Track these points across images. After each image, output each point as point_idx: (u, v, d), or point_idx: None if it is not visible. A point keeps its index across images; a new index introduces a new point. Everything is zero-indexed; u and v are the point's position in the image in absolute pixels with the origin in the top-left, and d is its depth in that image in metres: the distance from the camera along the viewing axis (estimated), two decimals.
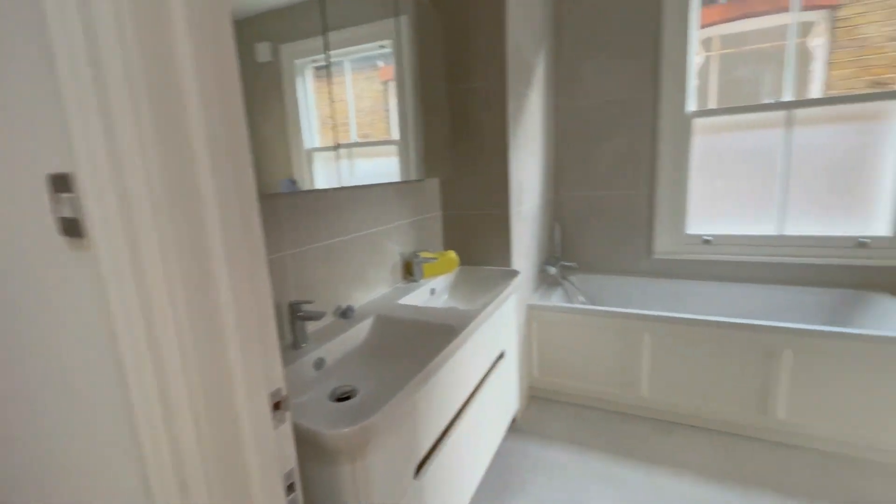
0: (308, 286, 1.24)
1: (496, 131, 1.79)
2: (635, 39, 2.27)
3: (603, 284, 2.51)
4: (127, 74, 0.40)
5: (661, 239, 2.38)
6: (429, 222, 1.89)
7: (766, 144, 2.17)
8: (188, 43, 0.43)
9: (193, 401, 0.47)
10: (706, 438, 1.83)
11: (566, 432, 1.94)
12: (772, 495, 1.53)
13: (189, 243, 0.45)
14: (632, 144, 2.37)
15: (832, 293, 2.06)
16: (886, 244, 2.00)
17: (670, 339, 1.86)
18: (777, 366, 1.69)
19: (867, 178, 2.02)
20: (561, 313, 2.07)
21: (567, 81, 2.45)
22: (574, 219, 2.58)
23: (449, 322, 1.22)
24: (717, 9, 2.29)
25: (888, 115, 1.97)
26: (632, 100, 2.33)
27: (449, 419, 1.19)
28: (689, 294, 2.31)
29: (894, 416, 1.57)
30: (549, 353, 2.13)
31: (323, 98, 1.20)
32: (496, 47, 1.72)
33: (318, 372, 1.10)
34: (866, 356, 1.58)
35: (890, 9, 1.96)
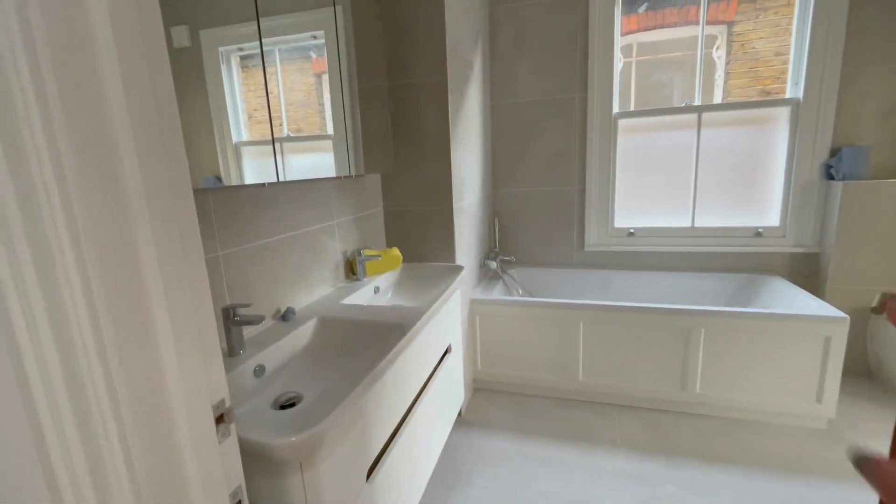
0: (244, 288, 1.16)
1: (437, 127, 1.79)
2: (566, 43, 2.38)
3: (539, 277, 2.61)
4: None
5: (591, 232, 2.53)
6: (371, 219, 1.85)
7: (680, 144, 2.39)
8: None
9: (120, 420, 0.42)
10: (636, 416, 1.98)
11: (509, 421, 2.00)
12: (693, 461, 1.69)
13: (111, 241, 0.40)
14: (564, 143, 2.49)
15: (735, 277, 2.31)
16: (777, 233, 2.29)
17: (602, 326, 1.99)
18: (694, 345, 1.87)
19: (761, 176, 2.30)
20: (502, 306, 2.13)
21: (502, 81, 2.52)
22: (511, 214, 2.66)
23: (397, 320, 1.20)
24: (636, 18, 2.47)
25: (776, 121, 2.24)
26: (563, 100, 2.44)
27: (399, 418, 1.17)
28: (616, 283, 2.48)
29: (787, 382, 1.81)
30: (491, 345, 2.18)
31: (251, 89, 1.13)
32: (436, 42, 1.72)
33: (259, 380, 1.03)
34: (763, 331, 1.79)
35: (775, 27, 2.23)
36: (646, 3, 2.39)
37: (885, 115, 2.07)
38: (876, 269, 2.06)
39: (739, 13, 2.30)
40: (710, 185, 2.37)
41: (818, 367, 1.76)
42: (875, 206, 2.01)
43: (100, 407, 0.41)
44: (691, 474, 1.62)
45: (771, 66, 2.30)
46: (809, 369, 1.77)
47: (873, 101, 2.07)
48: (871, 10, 2.00)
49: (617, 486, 1.58)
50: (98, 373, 0.40)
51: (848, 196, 2.04)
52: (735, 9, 2.33)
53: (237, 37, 1.09)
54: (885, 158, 2.09)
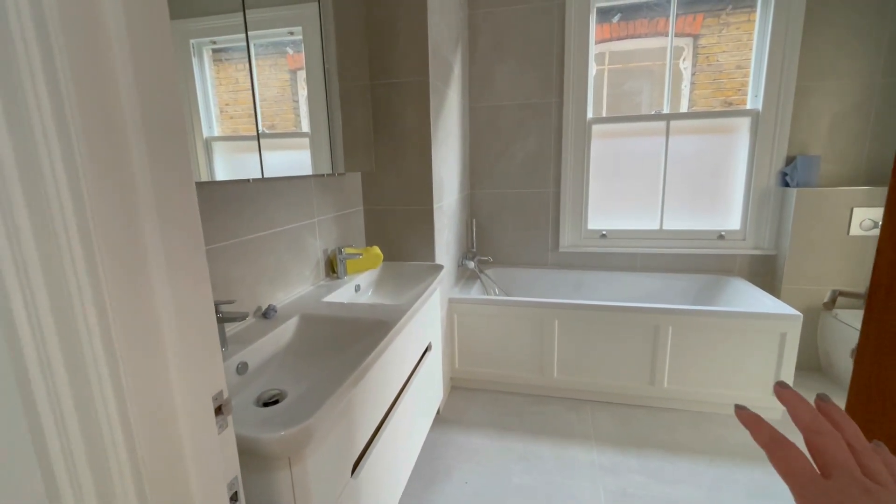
0: (226, 286, 1.14)
1: (418, 127, 1.81)
2: (543, 49, 2.45)
3: (515, 276, 2.67)
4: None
5: (565, 234, 2.60)
6: (351, 217, 1.85)
7: (650, 150, 2.49)
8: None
9: (124, 409, 0.42)
10: (608, 411, 2.06)
11: (486, 418, 2.04)
12: (661, 452, 1.77)
13: (120, 232, 0.40)
14: (540, 146, 2.55)
15: (700, 278, 2.44)
16: (737, 236, 2.43)
17: (576, 325, 2.06)
18: (662, 342, 1.96)
19: (724, 182, 2.43)
20: (479, 305, 2.17)
21: (481, 83, 2.56)
22: (488, 215, 2.71)
23: (380, 317, 1.21)
24: (608, 28, 2.56)
25: (737, 130, 2.38)
26: (540, 104, 2.51)
27: (383, 414, 1.19)
28: (589, 283, 2.57)
29: (746, 376, 1.92)
30: (468, 343, 2.21)
31: (223, 83, 1.11)
32: (418, 42, 1.74)
33: (241, 377, 1.02)
34: (725, 328, 1.90)
35: (737, 42, 2.37)
36: (619, 14, 2.49)
37: (832, 128, 2.23)
38: (825, 270, 2.21)
39: (705, 27, 2.43)
40: (677, 189, 2.48)
41: (774, 361, 1.88)
42: (824, 211, 2.17)
43: (104, 396, 0.41)
44: (660, 465, 1.70)
45: (733, 79, 2.43)
46: (766, 364, 1.89)
47: (824, 114, 2.23)
48: (822, 31, 2.16)
49: (590, 478, 1.64)
50: (103, 362, 0.40)
51: (801, 202, 2.19)
52: (701, 23, 2.45)
53: (210, 29, 1.07)
54: (832, 167, 2.26)
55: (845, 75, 2.17)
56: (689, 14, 2.42)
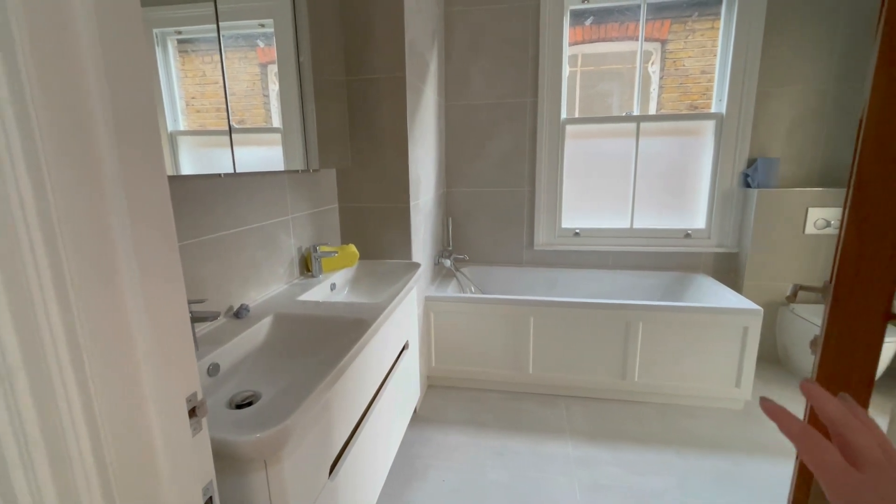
0: (196, 284, 1.10)
1: (395, 124, 1.80)
2: (518, 49, 2.47)
3: (491, 274, 2.69)
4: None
5: (540, 232, 2.64)
6: (327, 215, 1.82)
7: (621, 151, 2.56)
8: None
9: (90, 412, 0.40)
10: (582, 405, 2.10)
11: (463, 416, 2.05)
12: (632, 444, 1.82)
13: (85, 228, 0.38)
14: (515, 145, 2.58)
15: (668, 275, 2.52)
16: (703, 235, 2.52)
17: (551, 321, 2.09)
18: (633, 337, 2.02)
19: (690, 182, 2.52)
20: (456, 303, 2.17)
21: (457, 82, 2.56)
22: (464, 213, 2.72)
23: (358, 316, 1.20)
24: (581, 30, 2.61)
25: (703, 133, 2.47)
26: (515, 104, 2.53)
27: (360, 414, 1.17)
28: (563, 280, 2.61)
29: (711, 369, 2.00)
30: (445, 342, 2.22)
31: (189, 76, 1.08)
32: (395, 38, 1.72)
33: (212, 379, 0.99)
34: (692, 323, 1.97)
35: (702, 48, 2.46)
36: (592, 17, 2.54)
37: (790, 131, 2.35)
38: (783, 267, 2.33)
39: (672, 32, 2.51)
40: (646, 189, 2.56)
41: (737, 354, 1.96)
42: (782, 211, 2.28)
43: (68, 400, 0.39)
44: (632, 456, 1.75)
45: (698, 83, 2.53)
46: (730, 357, 1.97)
47: (782, 118, 2.35)
48: (781, 40, 2.27)
49: (565, 472, 1.68)
50: (66, 362, 0.38)
51: (761, 202, 2.30)
52: (668, 28, 2.53)
53: (175, 19, 1.03)
54: (790, 169, 2.38)
55: (802, 82, 2.29)
56: (658, 20, 2.50)
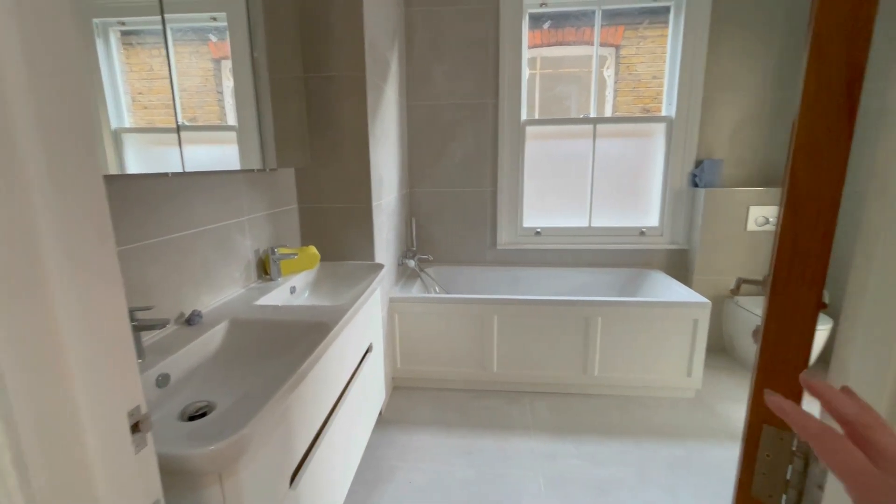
0: (143, 290, 1.04)
1: (356, 123, 1.77)
2: (479, 50, 2.50)
3: (455, 274, 2.70)
4: None
5: (502, 232, 2.68)
6: (285, 215, 1.76)
7: (579, 151, 2.64)
8: None
9: (14, 433, 0.36)
10: (545, 401, 2.15)
11: (429, 416, 2.04)
12: (593, 436, 1.88)
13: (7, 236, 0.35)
14: (477, 145, 2.60)
15: (624, 271, 2.62)
16: (656, 232, 2.64)
17: (514, 319, 2.12)
18: (592, 332, 2.09)
19: (644, 182, 2.63)
20: (420, 304, 2.16)
21: (418, 82, 2.55)
22: (428, 213, 2.71)
23: (319, 319, 1.17)
24: (540, 34, 2.67)
25: (655, 135, 2.59)
26: (477, 105, 2.55)
27: (322, 420, 1.14)
28: (526, 278, 2.66)
29: (665, 361, 2.10)
30: (410, 343, 2.20)
31: (134, 70, 1.02)
32: (354, 36, 1.70)
33: (162, 390, 0.93)
34: (647, 317, 2.06)
35: (652, 54, 2.58)
36: (549, 21, 2.60)
37: (733, 134, 2.50)
38: (728, 262, 2.48)
39: (625, 38, 2.61)
40: (603, 189, 2.65)
41: (688, 345, 2.07)
42: (727, 209, 2.42)
43: None
44: (593, 448, 1.81)
45: (650, 88, 2.64)
46: (681, 348, 2.07)
47: (726, 122, 2.49)
48: (724, 49, 2.41)
49: (530, 467, 1.71)
50: None
51: (708, 201, 2.43)
52: (622, 34, 2.63)
53: (117, 8, 0.97)
54: (733, 170, 2.53)
55: (743, 88, 2.44)
56: (612, 26, 2.59)
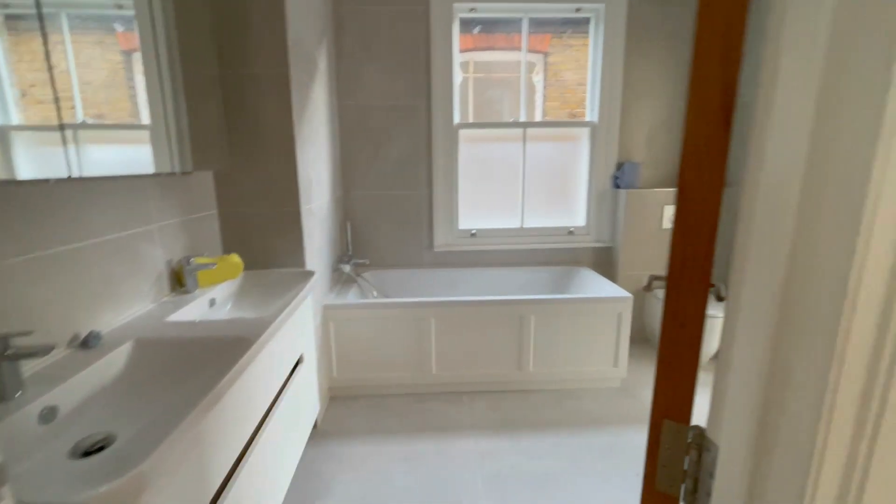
0: (24, 312, 0.90)
1: (280, 123, 1.68)
2: (411, 52, 2.48)
3: (393, 278, 2.67)
4: None
5: (439, 234, 2.69)
6: (203, 222, 1.63)
7: (511, 154, 2.71)
8: None
9: None
10: (484, 400, 2.18)
11: (368, 424, 2.00)
12: (530, 431, 1.94)
13: None
14: (412, 148, 2.59)
15: (555, 270, 2.73)
16: (583, 232, 2.78)
17: (452, 321, 2.14)
18: (526, 330, 2.15)
19: (571, 184, 2.77)
20: (357, 310, 2.11)
21: (350, 82, 2.49)
22: (364, 217, 2.66)
23: (239, 333, 1.09)
24: (472, 38, 2.71)
25: (580, 139, 2.72)
26: (409, 106, 2.54)
27: (246, 440, 1.07)
28: (462, 280, 2.69)
29: (594, 353, 2.21)
30: (347, 350, 2.14)
31: (24, 59, 0.89)
32: (276, 32, 1.61)
33: (48, 426, 0.82)
34: (576, 313, 2.16)
35: (577, 62, 2.71)
36: (479, 26, 2.65)
37: (649, 139, 2.70)
38: (647, 258, 2.67)
39: (552, 46, 2.72)
40: (534, 190, 2.75)
41: (614, 337, 2.20)
42: (645, 209, 2.61)
43: None
44: (529, 443, 1.86)
45: (576, 94, 2.78)
46: (608, 341, 2.20)
47: (643, 127, 2.68)
48: (639, 58, 2.59)
49: (469, 468, 1.72)
50: None
51: (628, 202, 2.60)
52: (549, 42, 2.75)
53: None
54: (650, 172, 2.73)
55: (656, 96, 2.64)
56: (540, 34, 2.69)
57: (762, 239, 0.36)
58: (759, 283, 0.36)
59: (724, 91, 0.40)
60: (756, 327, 0.36)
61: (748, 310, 0.38)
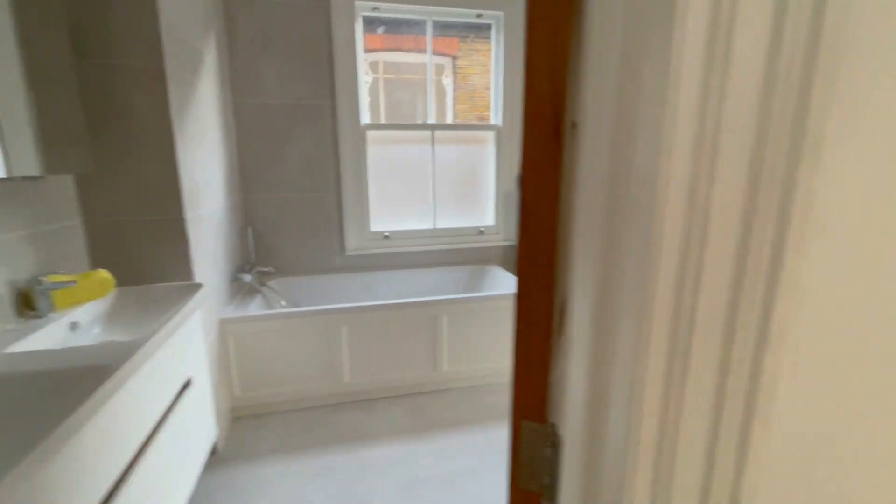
0: None
1: (157, 121, 1.51)
2: (313, 49, 2.38)
3: (303, 285, 2.54)
4: None
5: (350, 237, 2.61)
6: (62, 234, 1.41)
7: (422, 156, 2.72)
8: None
9: None
10: (400, 404, 2.16)
11: (277, 442, 1.88)
12: (445, 431, 1.95)
13: None
14: (317, 149, 2.48)
15: (468, 269, 2.80)
16: (493, 231, 2.88)
17: (364, 326, 2.09)
18: (439, 330, 2.17)
19: (480, 185, 2.84)
20: (260, 322, 1.98)
21: (247, 79, 2.33)
22: (268, 222, 2.50)
23: (98, 362, 0.95)
24: (378, 38, 2.67)
25: (488, 141, 2.81)
26: (314, 106, 2.43)
27: (112, 482, 0.94)
28: (377, 283, 2.65)
29: (504, 348, 2.29)
30: (251, 366, 2.00)
31: None
32: (145, 18, 1.44)
33: None
34: (487, 310, 2.23)
35: (483, 66, 2.79)
36: (384, 26, 2.62)
37: None
38: None
39: (460, 50, 2.78)
40: (445, 192, 2.78)
41: None
42: None
43: None
44: (444, 443, 1.88)
45: (484, 98, 2.86)
46: None
47: None
48: None
49: (384, 475, 1.69)
50: None
51: None
52: (457, 46, 2.80)
53: None
54: None
55: None
56: (446, 37, 2.73)
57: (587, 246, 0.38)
58: (586, 284, 0.38)
59: (553, 100, 0.41)
60: (583, 308, 0.38)
61: (578, 309, 0.39)
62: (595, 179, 0.37)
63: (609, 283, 0.36)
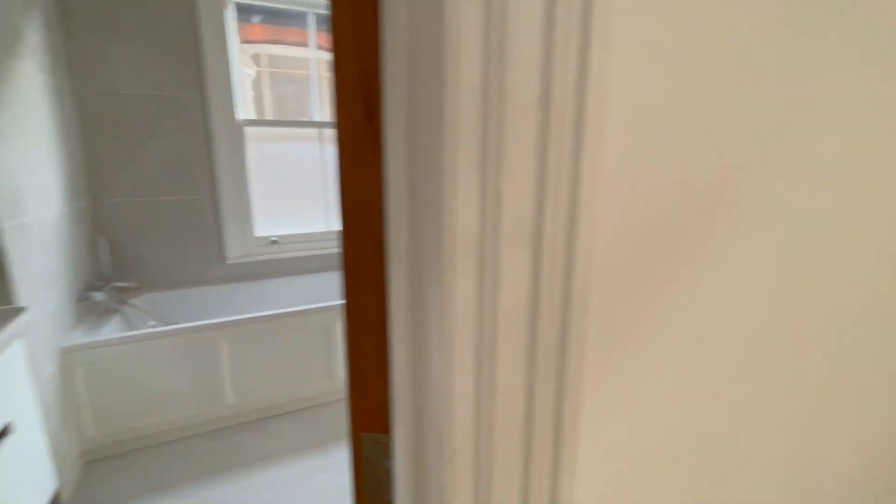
0: None
1: None
2: (175, 35, 2.11)
3: (176, 301, 2.25)
4: None
5: (232, 244, 2.38)
6: None
7: (310, 155, 2.57)
8: None
9: None
10: (294, 420, 2.02)
11: (143, 484, 1.64)
12: (341, 442, 1.87)
13: None
14: (186, 147, 2.22)
15: None
16: None
17: (247, 341, 1.91)
18: (332, 337, 2.07)
19: None
20: (118, 346, 1.70)
21: (92, 65, 1.99)
22: (126, 230, 2.17)
23: None
24: (257, 29, 2.47)
25: None
26: (178, 99, 2.16)
27: None
28: (265, 293, 2.45)
29: None
30: (108, 399, 1.71)
31: None
32: None
33: None
34: None
35: None
36: (260, 15, 2.43)
37: None
38: None
39: None
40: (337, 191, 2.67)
41: None
42: None
43: None
44: (341, 454, 1.79)
45: None
46: None
47: None
48: None
49: (280, 498, 1.56)
50: None
51: None
52: None
53: None
54: None
55: None
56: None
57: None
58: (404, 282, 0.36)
59: (363, 84, 0.38)
60: (399, 303, 0.36)
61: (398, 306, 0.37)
62: (398, 151, 0.35)
63: (419, 276, 0.34)
